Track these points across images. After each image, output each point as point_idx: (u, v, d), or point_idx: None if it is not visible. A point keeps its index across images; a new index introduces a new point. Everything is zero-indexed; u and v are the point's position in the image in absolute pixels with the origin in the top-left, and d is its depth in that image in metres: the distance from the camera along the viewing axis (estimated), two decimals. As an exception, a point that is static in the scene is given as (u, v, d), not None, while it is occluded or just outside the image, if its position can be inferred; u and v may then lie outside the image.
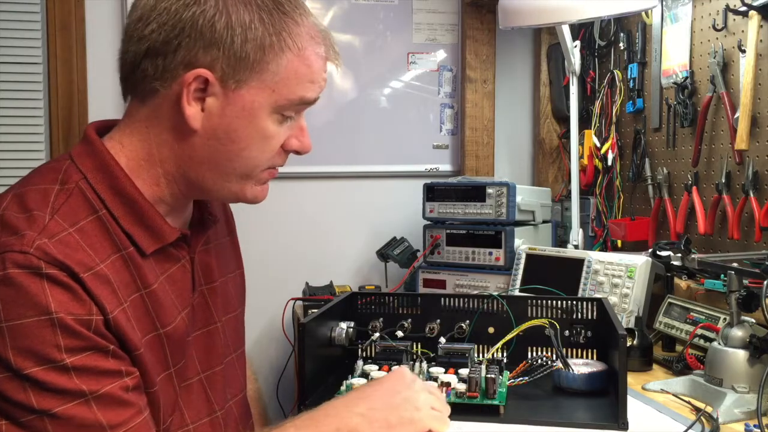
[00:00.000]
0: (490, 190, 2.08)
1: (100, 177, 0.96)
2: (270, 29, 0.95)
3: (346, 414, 1.00)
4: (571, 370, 1.28)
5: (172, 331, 0.99)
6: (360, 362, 1.33)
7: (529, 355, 1.35)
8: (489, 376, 1.19)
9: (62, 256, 0.86)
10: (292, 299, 2.20)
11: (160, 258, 1.00)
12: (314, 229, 2.52)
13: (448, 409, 1.10)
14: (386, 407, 1.02)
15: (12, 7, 2.27)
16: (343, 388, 1.23)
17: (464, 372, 1.24)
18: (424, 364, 1.31)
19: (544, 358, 1.29)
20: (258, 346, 2.44)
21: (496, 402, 1.18)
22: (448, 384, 1.21)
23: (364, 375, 1.27)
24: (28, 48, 2.29)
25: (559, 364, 1.27)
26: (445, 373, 1.27)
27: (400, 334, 1.41)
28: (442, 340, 1.39)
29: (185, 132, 0.97)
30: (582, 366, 1.31)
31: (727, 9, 1.73)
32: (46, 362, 0.84)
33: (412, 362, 1.31)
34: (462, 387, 1.20)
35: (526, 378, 1.26)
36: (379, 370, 1.28)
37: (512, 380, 1.27)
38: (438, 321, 1.45)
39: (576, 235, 2.16)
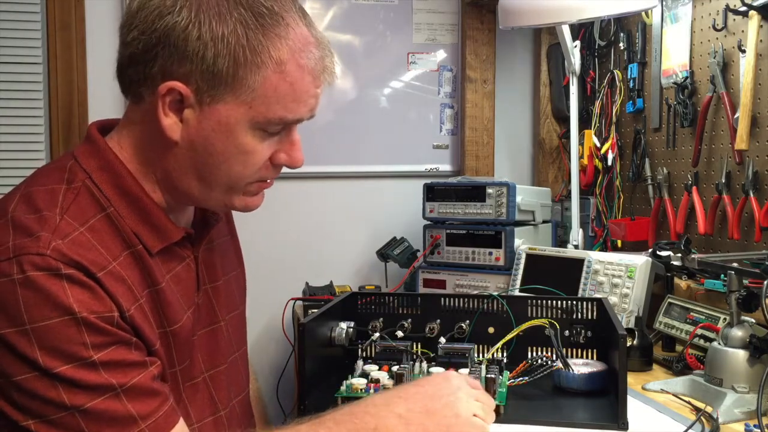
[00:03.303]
0: (490, 190, 2.08)
1: (105, 176, 0.96)
2: (245, 43, 0.91)
3: (385, 413, 0.99)
4: (571, 370, 1.28)
5: (178, 330, 1.00)
6: (360, 362, 1.33)
7: (529, 355, 1.35)
8: (489, 376, 1.19)
9: (77, 256, 0.87)
10: (292, 299, 2.20)
11: (166, 257, 1.00)
12: (314, 229, 2.52)
13: (492, 417, 1.08)
14: (425, 411, 1.00)
15: (12, 7, 2.27)
16: (343, 388, 1.23)
17: (464, 372, 1.24)
18: (424, 364, 1.31)
19: (544, 358, 1.29)
20: (258, 346, 2.44)
21: (496, 402, 1.18)
22: None
23: (364, 375, 1.28)
24: (28, 48, 2.29)
25: (559, 364, 1.27)
26: None
27: (400, 334, 1.40)
28: (442, 340, 1.39)
29: (167, 141, 0.96)
30: (582, 366, 1.31)
31: (727, 9, 1.73)
32: (75, 360, 0.84)
33: (412, 362, 1.31)
34: None
35: (526, 378, 1.26)
36: (379, 370, 1.28)
37: (512, 380, 1.27)
38: (438, 321, 1.45)
39: (576, 235, 2.16)
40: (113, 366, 0.87)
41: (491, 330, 1.44)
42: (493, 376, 1.19)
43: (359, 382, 1.23)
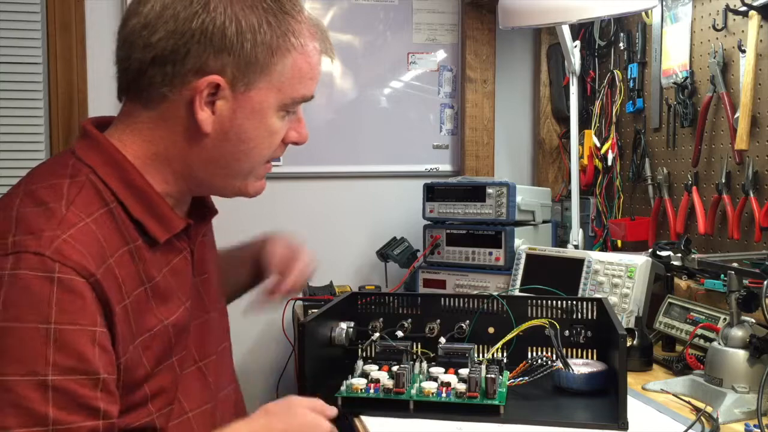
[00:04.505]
0: (490, 190, 2.08)
1: (110, 170, 0.96)
2: (277, 31, 0.96)
3: None
4: (571, 370, 1.28)
5: (175, 322, 1.00)
6: (360, 362, 1.33)
7: (529, 355, 1.35)
8: (489, 376, 1.19)
9: (78, 256, 0.86)
10: (292, 299, 2.20)
11: (165, 249, 1.01)
12: (314, 229, 2.52)
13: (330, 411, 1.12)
14: None
15: (12, 7, 2.27)
16: (343, 388, 1.23)
17: (464, 372, 1.24)
18: (424, 364, 1.31)
19: (544, 358, 1.29)
20: (258, 346, 2.44)
21: (496, 402, 1.18)
22: (448, 384, 1.21)
23: (364, 375, 1.27)
24: (28, 48, 2.29)
25: (559, 364, 1.27)
26: (445, 373, 1.27)
27: (400, 334, 1.41)
28: (442, 340, 1.39)
29: (196, 135, 0.98)
30: (582, 366, 1.31)
31: (727, 9, 1.73)
32: (29, 374, 0.81)
33: (412, 362, 1.31)
34: (462, 387, 1.20)
35: (526, 378, 1.26)
36: (379, 370, 1.28)
37: (512, 380, 1.27)
38: (438, 321, 1.45)
39: (576, 235, 2.16)
40: (64, 397, 0.82)
41: (491, 330, 1.44)
42: (493, 376, 1.19)
43: (359, 382, 1.23)
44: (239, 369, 1.28)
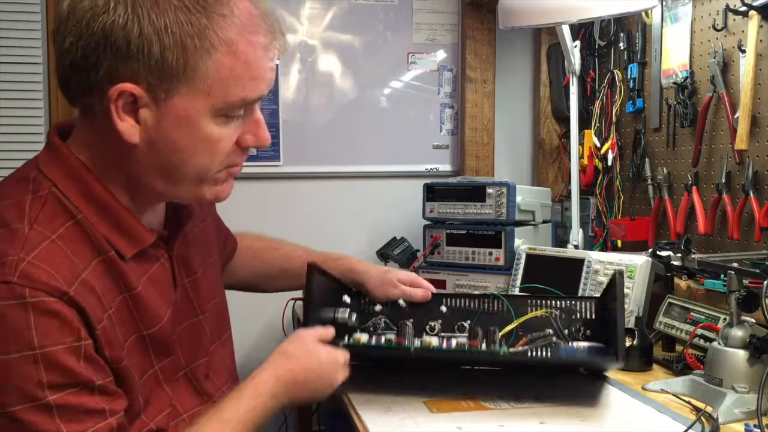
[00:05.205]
0: (490, 190, 2.08)
1: (71, 184, 0.93)
2: (190, 30, 0.86)
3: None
4: (570, 344, 1.30)
5: (156, 332, 0.99)
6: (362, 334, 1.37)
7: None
8: (490, 328, 1.21)
9: (47, 276, 0.84)
10: (292, 299, 2.19)
11: (139, 260, 0.98)
12: (314, 229, 2.52)
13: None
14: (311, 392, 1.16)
15: (12, 7, 2.27)
16: (345, 339, 1.26)
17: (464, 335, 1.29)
18: (425, 336, 1.35)
19: (545, 332, 1.32)
20: (258, 346, 2.44)
21: (497, 349, 1.19)
22: (449, 338, 1.25)
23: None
24: (28, 48, 2.29)
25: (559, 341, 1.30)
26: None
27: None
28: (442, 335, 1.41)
29: (127, 146, 0.91)
30: (581, 343, 1.34)
31: (727, 9, 1.73)
32: (29, 400, 0.82)
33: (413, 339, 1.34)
34: (463, 339, 1.22)
35: (527, 348, 1.29)
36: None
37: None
38: (439, 321, 1.45)
39: (576, 235, 2.16)
40: (68, 411, 0.83)
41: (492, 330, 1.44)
42: (493, 328, 1.22)
43: (362, 336, 1.26)
44: (240, 369, 1.28)
